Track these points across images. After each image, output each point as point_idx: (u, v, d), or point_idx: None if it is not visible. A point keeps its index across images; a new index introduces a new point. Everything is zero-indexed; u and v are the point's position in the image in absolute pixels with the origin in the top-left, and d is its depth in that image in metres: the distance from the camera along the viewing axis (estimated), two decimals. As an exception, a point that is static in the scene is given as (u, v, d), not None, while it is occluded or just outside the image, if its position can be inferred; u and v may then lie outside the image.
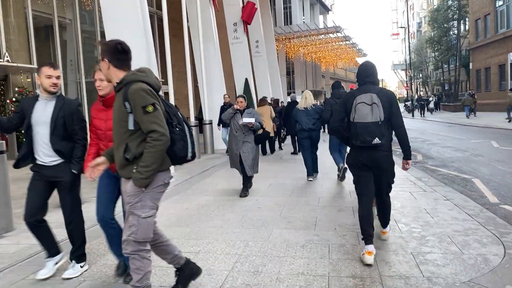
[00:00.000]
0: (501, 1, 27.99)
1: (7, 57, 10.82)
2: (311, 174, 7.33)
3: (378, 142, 3.39)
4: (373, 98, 3.42)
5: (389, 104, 3.47)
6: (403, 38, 63.47)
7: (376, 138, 3.38)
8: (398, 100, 3.86)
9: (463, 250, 3.59)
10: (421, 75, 60.32)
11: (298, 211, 5.17)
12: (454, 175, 7.64)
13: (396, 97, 3.71)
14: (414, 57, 52.58)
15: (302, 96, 7.41)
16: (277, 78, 23.09)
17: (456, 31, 39.17)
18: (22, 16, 12.11)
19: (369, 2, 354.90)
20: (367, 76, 3.62)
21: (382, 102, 3.42)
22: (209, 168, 8.88)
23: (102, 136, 3.14)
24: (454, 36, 39.97)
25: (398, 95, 62.07)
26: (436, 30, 41.78)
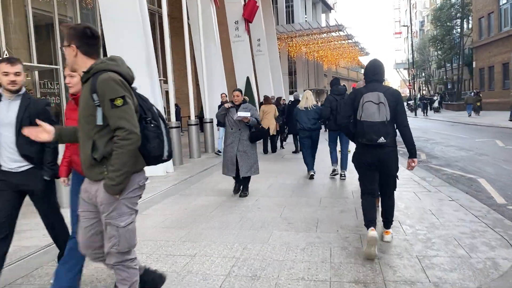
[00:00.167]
0: (504, -1, 27.80)
1: (7, 55, 10.74)
2: (312, 168, 7.32)
3: (384, 142, 3.46)
4: (380, 97, 3.49)
5: (395, 103, 3.56)
6: (406, 37, 63.10)
7: (382, 137, 3.44)
8: None
9: (471, 253, 3.44)
10: (423, 74, 59.99)
11: (299, 212, 5.02)
12: (459, 175, 7.47)
13: (401, 96, 3.79)
14: (416, 56, 52.31)
15: (303, 96, 7.51)
16: (279, 76, 22.94)
17: (459, 30, 38.86)
18: (22, 14, 12.00)
19: (371, 0, 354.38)
20: (374, 74, 3.69)
21: (389, 101, 3.50)
22: (209, 167, 8.75)
23: None
24: (457, 34, 39.68)
25: (400, 94, 61.48)
26: (439, 28, 41.53)
